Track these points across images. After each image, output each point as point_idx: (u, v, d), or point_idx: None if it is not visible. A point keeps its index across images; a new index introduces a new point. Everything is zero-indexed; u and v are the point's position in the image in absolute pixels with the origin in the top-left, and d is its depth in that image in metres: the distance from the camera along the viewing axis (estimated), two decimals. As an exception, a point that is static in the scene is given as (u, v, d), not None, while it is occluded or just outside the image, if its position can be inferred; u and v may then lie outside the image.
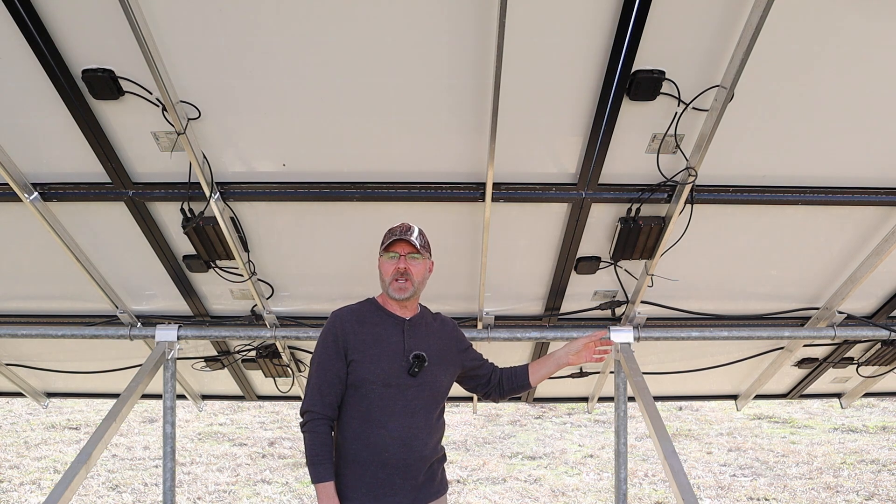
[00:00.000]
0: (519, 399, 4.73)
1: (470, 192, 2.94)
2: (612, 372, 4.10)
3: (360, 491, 2.36)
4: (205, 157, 2.81)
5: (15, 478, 7.12)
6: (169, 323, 3.58)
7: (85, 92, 2.56)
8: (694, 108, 2.61)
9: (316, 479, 2.33)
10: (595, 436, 8.87)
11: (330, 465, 2.35)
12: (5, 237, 3.25)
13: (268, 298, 3.52)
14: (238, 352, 4.08)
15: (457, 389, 2.76)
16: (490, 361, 2.77)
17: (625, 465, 3.51)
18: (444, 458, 2.58)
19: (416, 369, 2.41)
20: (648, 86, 2.52)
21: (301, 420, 2.43)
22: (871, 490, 6.68)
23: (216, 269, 3.32)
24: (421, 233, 2.53)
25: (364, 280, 3.34)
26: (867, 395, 4.65)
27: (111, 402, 3.26)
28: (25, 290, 3.55)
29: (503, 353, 4.07)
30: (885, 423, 9.30)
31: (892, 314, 3.72)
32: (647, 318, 3.59)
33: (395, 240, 2.45)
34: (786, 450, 8.14)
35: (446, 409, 2.63)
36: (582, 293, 3.55)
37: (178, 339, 3.53)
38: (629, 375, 3.30)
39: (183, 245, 3.24)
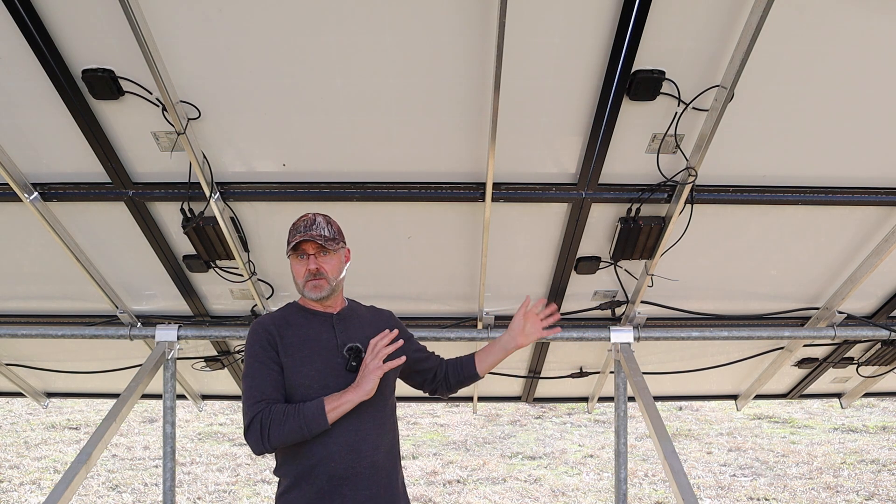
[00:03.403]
0: (518, 399, 4.73)
1: (470, 192, 2.94)
2: (612, 372, 4.10)
3: None
4: (205, 157, 2.81)
5: (15, 478, 7.12)
6: (169, 323, 3.58)
7: (85, 92, 2.56)
8: (694, 108, 2.61)
9: (319, 417, 2.04)
10: (595, 436, 8.88)
11: (305, 404, 2.06)
12: (5, 237, 3.25)
13: (268, 298, 3.52)
14: (238, 352, 4.08)
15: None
16: (437, 354, 2.53)
17: (625, 465, 3.51)
18: (400, 465, 2.29)
19: (354, 363, 2.16)
20: (648, 86, 2.52)
21: (252, 435, 2.05)
22: (871, 490, 6.68)
23: (216, 269, 3.32)
24: (328, 221, 2.24)
25: (364, 280, 3.34)
26: (867, 395, 4.65)
27: (111, 402, 3.26)
28: (25, 290, 3.55)
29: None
30: (885, 423, 9.31)
31: (892, 314, 3.72)
32: (647, 318, 3.59)
33: (301, 240, 2.18)
34: (786, 450, 8.14)
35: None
36: (582, 293, 3.55)
37: (178, 339, 3.53)
38: (629, 375, 3.30)
39: (183, 245, 3.24)
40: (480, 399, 4.76)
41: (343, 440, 2.09)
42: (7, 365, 4.25)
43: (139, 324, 3.66)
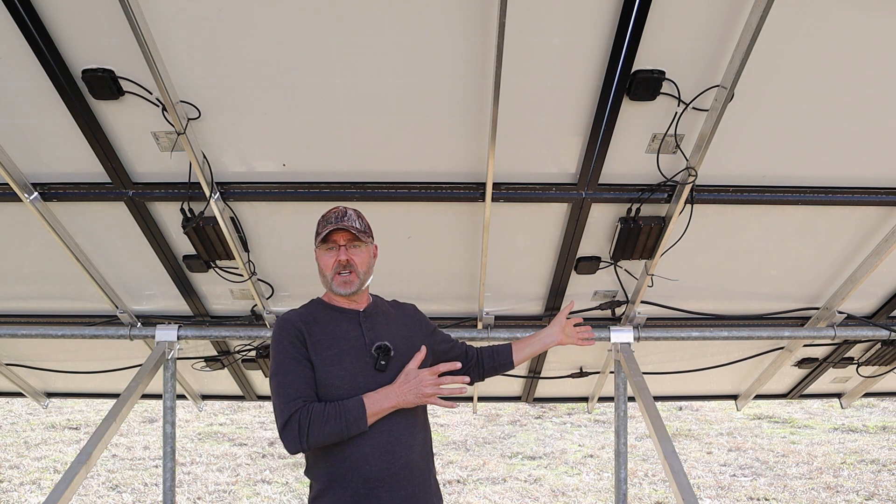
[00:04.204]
0: (518, 399, 4.73)
1: (470, 192, 2.94)
2: (612, 372, 4.10)
3: None
4: (205, 157, 2.81)
5: (15, 478, 7.13)
6: (169, 323, 3.58)
7: (85, 92, 2.56)
8: (694, 108, 2.61)
9: (360, 421, 2.02)
10: (595, 436, 8.88)
11: (345, 405, 2.04)
12: (5, 237, 3.25)
13: (268, 298, 3.52)
14: (238, 352, 4.08)
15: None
16: (461, 341, 2.57)
17: (625, 465, 3.51)
18: (433, 463, 2.27)
19: (383, 362, 2.12)
20: (648, 86, 2.52)
21: (289, 435, 2.02)
22: (871, 490, 6.68)
23: (216, 269, 3.32)
24: (359, 215, 2.26)
25: (364, 280, 3.34)
26: (867, 395, 4.65)
27: (111, 402, 3.26)
28: (25, 290, 3.55)
29: (503, 353, 4.06)
30: (885, 423, 9.31)
31: (892, 314, 3.72)
32: (647, 318, 3.59)
33: (333, 229, 2.18)
34: (786, 450, 8.14)
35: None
36: (582, 293, 3.55)
37: (178, 339, 3.53)
38: (629, 375, 3.30)
39: (183, 245, 3.24)
40: (480, 399, 4.76)
41: (376, 441, 2.07)
42: (7, 365, 4.25)
43: (139, 324, 3.66)
